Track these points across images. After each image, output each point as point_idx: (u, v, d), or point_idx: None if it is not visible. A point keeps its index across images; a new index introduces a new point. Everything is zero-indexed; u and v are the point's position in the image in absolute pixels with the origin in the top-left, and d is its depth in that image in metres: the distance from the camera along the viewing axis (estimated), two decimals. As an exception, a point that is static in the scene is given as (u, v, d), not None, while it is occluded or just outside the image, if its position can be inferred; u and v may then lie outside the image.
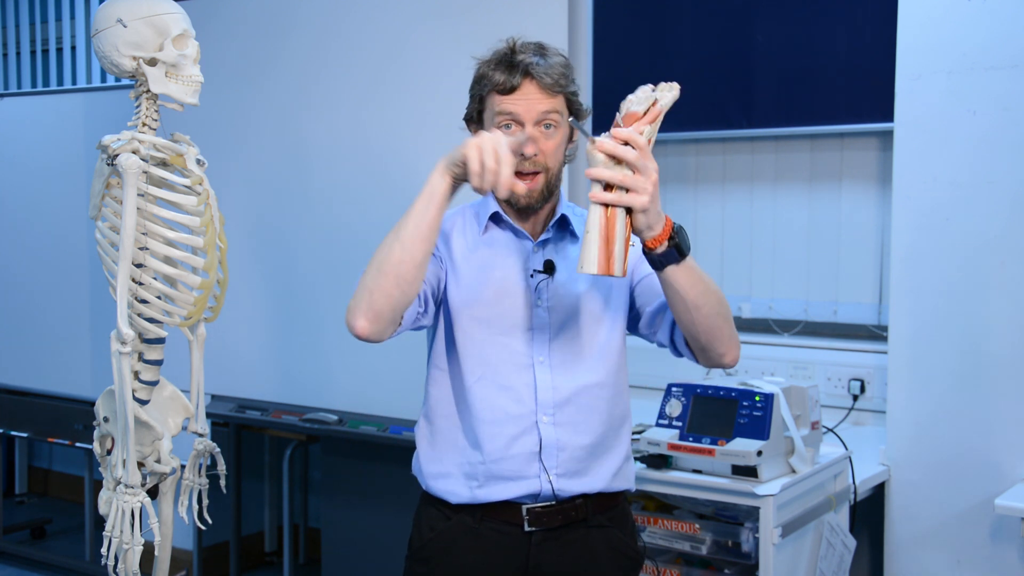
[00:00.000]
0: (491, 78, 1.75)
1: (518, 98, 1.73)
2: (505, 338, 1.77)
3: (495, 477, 1.75)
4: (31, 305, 4.22)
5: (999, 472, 2.60)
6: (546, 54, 1.76)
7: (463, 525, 1.78)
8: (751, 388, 2.40)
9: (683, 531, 2.45)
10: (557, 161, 1.78)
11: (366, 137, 3.05)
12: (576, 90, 1.79)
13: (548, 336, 1.77)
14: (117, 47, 1.88)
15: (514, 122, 1.73)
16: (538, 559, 1.76)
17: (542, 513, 1.76)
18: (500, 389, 1.76)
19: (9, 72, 5.21)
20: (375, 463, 3.21)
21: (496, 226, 1.83)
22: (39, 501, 5.25)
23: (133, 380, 1.97)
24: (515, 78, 1.72)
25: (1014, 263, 2.59)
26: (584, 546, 1.78)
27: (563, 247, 1.83)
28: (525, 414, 1.75)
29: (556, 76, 1.73)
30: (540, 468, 1.74)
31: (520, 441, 1.74)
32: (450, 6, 2.85)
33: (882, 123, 2.96)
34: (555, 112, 1.74)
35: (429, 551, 1.82)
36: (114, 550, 1.96)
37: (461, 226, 1.86)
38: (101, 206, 1.96)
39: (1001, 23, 2.58)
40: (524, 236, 1.81)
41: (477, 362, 1.77)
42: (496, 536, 1.76)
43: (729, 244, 3.51)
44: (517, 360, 1.76)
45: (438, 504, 1.82)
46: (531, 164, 1.74)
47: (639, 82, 1.65)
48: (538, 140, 1.73)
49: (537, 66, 1.72)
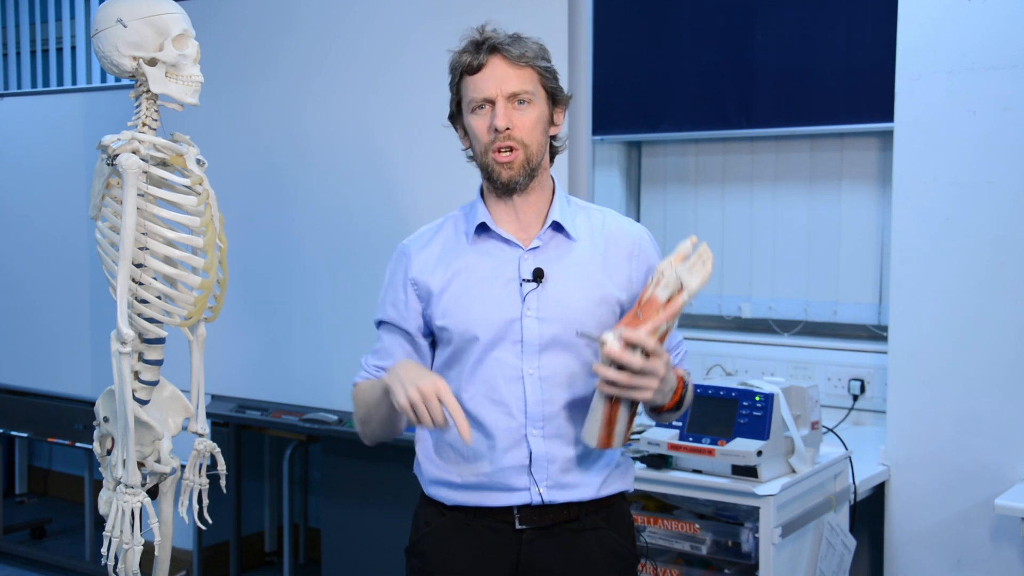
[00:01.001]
0: (460, 61, 1.75)
1: (486, 75, 1.71)
2: (495, 351, 1.74)
3: (487, 488, 1.76)
4: (31, 305, 4.22)
5: (999, 472, 2.60)
6: (518, 35, 1.75)
7: (457, 521, 1.79)
8: (751, 388, 2.40)
9: (683, 531, 2.45)
10: (535, 139, 1.73)
11: (366, 137, 3.05)
12: (549, 67, 1.76)
13: (538, 347, 1.73)
14: (117, 47, 1.88)
15: (487, 102, 1.71)
16: (529, 556, 1.76)
17: (533, 513, 1.76)
18: (491, 404, 1.74)
19: (9, 72, 5.21)
20: (375, 463, 3.21)
21: (485, 236, 1.79)
22: (39, 501, 5.25)
23: (133, 380, 1.97)
24: (482, 56, 1.72)
25: (1014, 263, 2.59)
26: (575, 545, 1.78)
27: (557, 253, 1.77)
28: (515, 427, 1.73)
29: (523, 50, 1.72)
30: (530, 481, 1.74)
31: (510, 455, 1.73)
32: (450, 6, 2.85)
33: (882, 123, 2.95)
34: (526, 90, 1.71)
35: (423, 545, 1.83)
36: (114, 550, 1.96)
37: (442, 243, 1.82)
38: (101, 206, 1.96)
39: (1001, 23, 2.58)
40: (514, 244, 1.77)
41: (468, 378, 1.75)
42: (488, 533, 1.77)
43: (729, 244, 3.51)
44: (507, 373, 1.73)
45: (435, 503, 1.82)
46: (505, 139, 1.71)
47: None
48: (511, 115, 1.71)
49: (503, 42, 1.72)
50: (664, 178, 3.64)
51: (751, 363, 3.29)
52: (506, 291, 1.74)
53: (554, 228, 1.78)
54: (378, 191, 3.02)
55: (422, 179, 2.94)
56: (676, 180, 3.60)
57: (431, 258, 1.81)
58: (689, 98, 3.43)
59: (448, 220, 1.86)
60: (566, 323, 1.73)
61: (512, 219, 1.79)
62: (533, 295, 1.73)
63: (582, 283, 1.75)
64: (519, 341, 1.73)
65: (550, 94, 1.76)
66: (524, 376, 1.73)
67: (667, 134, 3.51)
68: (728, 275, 3.51)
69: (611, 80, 3.40)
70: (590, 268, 1.77)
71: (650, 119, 3.48)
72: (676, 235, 3.60)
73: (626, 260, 1.80)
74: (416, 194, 2.94)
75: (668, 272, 1.59)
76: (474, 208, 1.81)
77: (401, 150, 2.98)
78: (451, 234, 1.83)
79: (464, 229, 1.81)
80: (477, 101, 1.72)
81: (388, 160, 3.00)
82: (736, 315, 3.50)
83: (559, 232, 1.79)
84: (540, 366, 1.73)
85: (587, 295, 1.75)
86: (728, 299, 3.51)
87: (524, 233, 1.78)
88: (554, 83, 1.77)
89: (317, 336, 3.18)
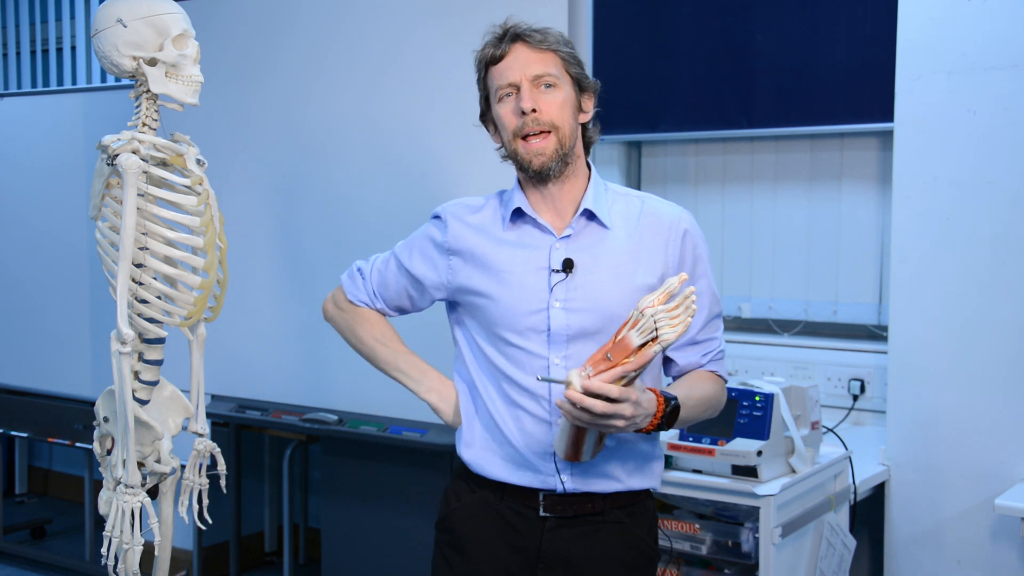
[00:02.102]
0: (484, 55, 1.76)
1: (509, 62, 1.73)
2: (524, 340, 1.75)
3: (516, 464, 1.78)
4: (31, 305, 4.21)
5: (999, 472, 2.60)
6: (541, 28, 1.76)
7: (485, 500, 1.81)
8: (751, 388, 2.40)
9: (683, 531, 2.45)
10: (565, 121, 1.73)
11: (366, 136, 3.05)
12: (572, 52, 1.76)
13: (566, 337, 1.74)
14: (117, 47, 1.88)
15: (513, 88, 1.72)
16: (551, 544, 1.77)
17: (557, 502, 1.77)
18: (519, 391, 1.76)
19: (9, 72, 5.21)
20: (375, 463, 3.20)
21: (520, 221, 1.80)
22: (39, 501, 5.25)
23: (133, 380, 1.97)
24: (504, 45, 1.73)
25: (1014, 263, 2.59)
26: (596, 538, 1.78)
27: (589, 241, 1.77)
28: (542, 415, 1.75)
29: (545, 35, 1.73)
30: (554, 468, 1.75)
31: (537, 440, 1.76)
32: (450, 6, 2.85)
33: (882, 123, 2.96)
34: (549, 73, 1.72)
35: (453, 520, 1.85)
36: (114, 550, 1.96)
37: (482, 226, 1.83)
38: (101, 206, 1.96)
39: (1001, 23, 2.58)
40: (547, 231, 1.78)
41: (497, 365, 1.78)
42: (514, 516, 1.79)
43: (729, 244, 3.51)
44: (535, 363, 1.74)
45: (466, 477, 1.85)
46: (534, 122, 1.71)
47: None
48: (537, 99, 1.71)
49: (525, 30, 1.73)
50: (664, 178, 3.64)
51: (751, 363, 3.29)
52: (535, 279, 1.76)
53: (587, 216, 1.78)
54: (378, 190, 3.02)
55: (423, 179, 2.93)
56: (676, 180, 3.60)
57: (468, 231, 1.83)
58: (689, 98, 3.43)
59: (489, 201, 1.87)
60: (595, 314, 1.73)
61: (548, 207, 1.79)
62: (561, 285, 1.74)
63: (613, 273, 1.75)
64: (546, 331, 1.74)
65: (576, 80, 1.77)
66: (550, 366, 1.74)
67: (667, 134, 3.51)
68: (728, 275, 3.51)
69: (611, 80, 3.38)
70: (622, 257, 1.76)
71: (650, 119, 3.48)
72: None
73: (663, 246, 1.78)
74: (417, 194, 2.94)
75: (648, 314, 1.52)
76: (511, 194, 1.82)
77: (402, 150, 2.98)
78: (490, 216, 1.84)
79: (502, 213, 1.82)
80: (503, 88, 1.73)
81: (389, 160, 3.00)
82: (736, 315, 3.50)
83: (592, 220, 1.78)
84: (567, 356, 1.74)
85: (618, 285, 1.75)
86: (728, 299, 3.50)
87: (560, 221, 1.79)
88: (579, 69, 1.77)
89: (317, 336, 3.18)
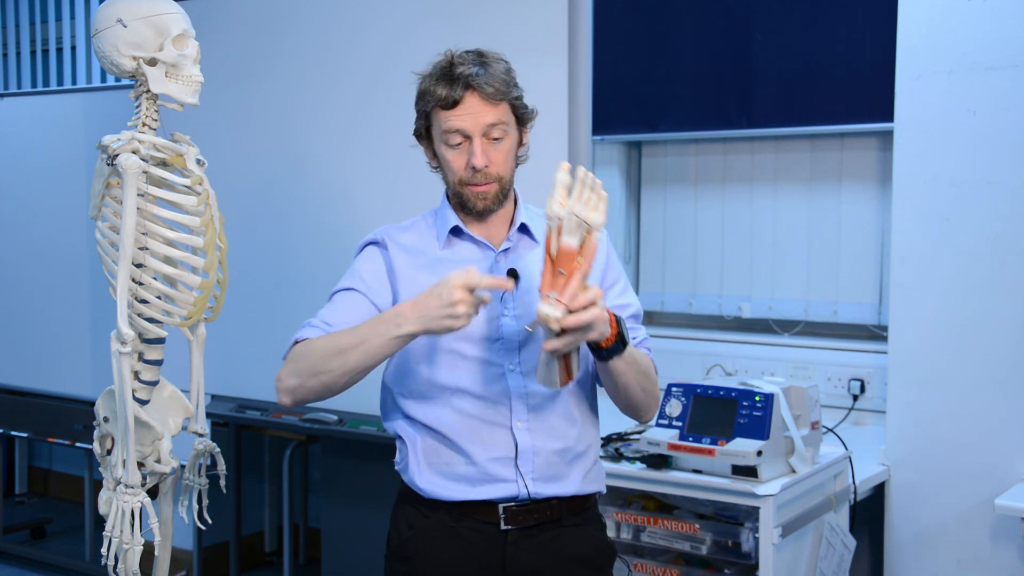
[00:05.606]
0: (434, 93, 1.75)
1: (462, 112, 1.73)
2: (476, 350, 1.77)
3: (474, 480, 1.77)
4: (31, 305, 4.22)
5: (999, 472, 2.60)
6: (487, 62, 1.75)
7: (441, 523, 1.80)
8: (751, 388, 2.40)
9: (683, 531, 2.45)
10: (508, 169, 1.79)
11: (366, 137, 3.05)
12: (520, 95, 1.79)
13: (517, 344, 1.78)
14: (117, 47, 1.88)
15: (462, 136, 1.74)
16: (515, 557, 1.78)
17: (518, 512, 1.78)
18: (475, 400, 1.77)
19: (9, 72, 5.21)
20: (375, 463, 3.20)
21: (457, 239, 1.84)
22: (39, 501, 5.25)
23: (133, 380, 1.97)
24: (456, 91, 1.72)
25: (1014, 263, 2.59)
26: (558, 544, 1.80)
27: (525, 254, 1.83)
28: (500, 421, 1.77)
29: (498, 84, 1.73)
30: (516, 473, 1.76)
31: (496, 447, 1.76)
32: (450, 6, 2.85)
33: (882, 123, 2.95)
34: (501, 122, 1.74)
35: (408, 549, 1.84)
36: (114, 550, 1.96)
37: (413, 245, 1.85)
38: (101, 206, 1.96)
39: (1001, 23, 2.58)
40: (486, 246, 1.82)
41: (451, 377, 1.78)
42: (473, 535, 1.78)
43: (729, 244, 3.51)
44: (489, 371, 1.77)
45: (415, 502, 1.83)
46: (483, 176, 1.76)
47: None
48: (487, 151, 1.74)
49: (478, 77, 1.72)
50: (664, 178, 3.64)
51: (751, 363, 3.29)
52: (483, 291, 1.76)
53: (521, 230, 1.85)
54: (378, 191, 3.02)
55: (423, 178, 2.92)
56: (676, 180, 3.60)
57: (406, 251, 1.85)
58: (689, 98, 3.43)
59: (416, 223, 1.90)
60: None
61: (482, 225, 1.84)
62: (509, 294, 1.78)
63: None
64: (499, 339, 1.78)
65: (519, 118, 1.80)
66: (506, 373, 1.77)
67: (667, 134, 3.51)
68: (728, 275, 3.51)
69: (611, 80, 3.40)
70: None
71: (650, 119, 3.48)
72: (676, 235, 3.62)
73: None
74: (417, 193, 2.93)
75: (565, 215, 1.55)
76: (443, 213, 1.85)
77: (401, 150, 2.97)
78: (423, 235, 1.87)
79: (435, 233, 1.86)
80: (452, 134, 1.75)
81: (388, 159, 3.00)
82: (736, 315, 3.50)
83: (525, 234, 1.85)
84: (520, 362, 1.78)
85: None
86: (728, 299, 3.51)
87: (495, 236, 1.84)
88: (523, 108, 1.80)
89: (317, 336, 3.18)
